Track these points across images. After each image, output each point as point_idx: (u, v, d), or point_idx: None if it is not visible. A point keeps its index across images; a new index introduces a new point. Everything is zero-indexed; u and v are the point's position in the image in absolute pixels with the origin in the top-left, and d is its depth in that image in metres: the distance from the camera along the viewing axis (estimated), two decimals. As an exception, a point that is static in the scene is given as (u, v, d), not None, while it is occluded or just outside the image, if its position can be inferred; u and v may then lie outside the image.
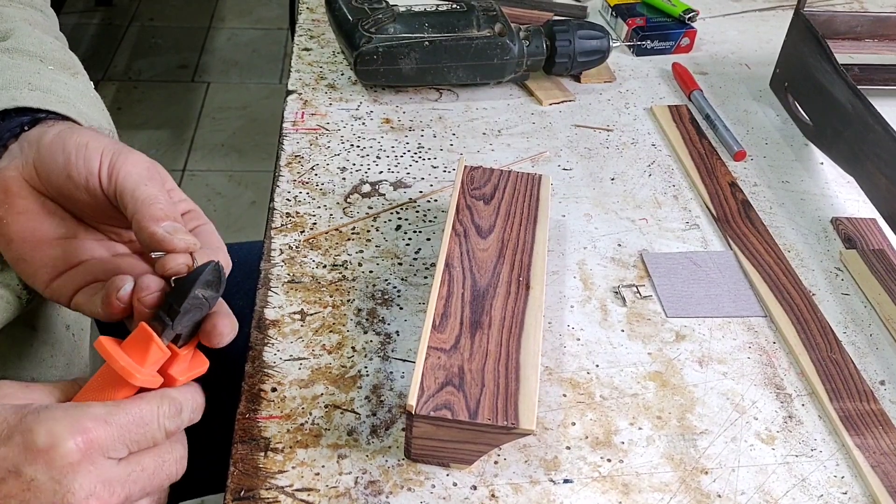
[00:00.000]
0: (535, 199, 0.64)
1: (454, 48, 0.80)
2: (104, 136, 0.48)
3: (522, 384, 0.49)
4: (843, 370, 0.57)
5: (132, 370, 0.42)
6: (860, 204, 0.74)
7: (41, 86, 0.52)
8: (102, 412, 0.40)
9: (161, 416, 0.42)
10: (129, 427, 0.40)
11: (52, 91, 0.52)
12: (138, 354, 0.42)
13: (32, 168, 0.48)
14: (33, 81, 0.52)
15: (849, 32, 0.89)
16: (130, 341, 0.43)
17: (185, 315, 0.43)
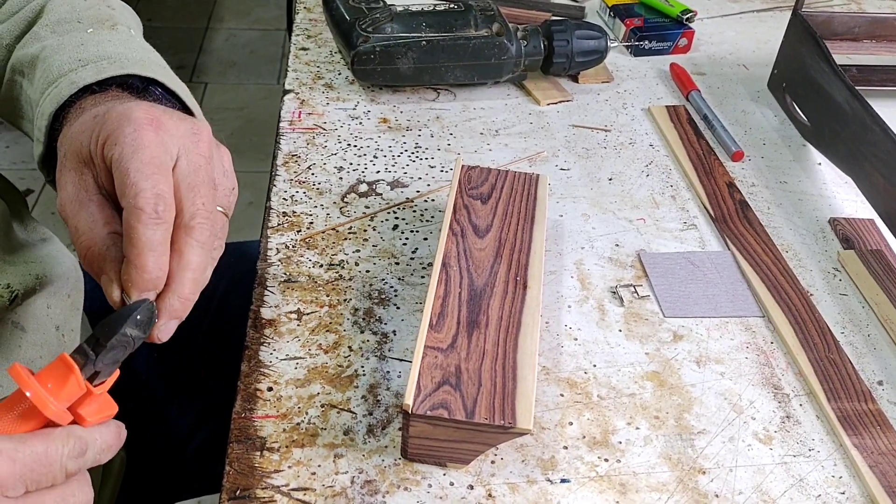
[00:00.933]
0: (532, 198, 0.64)
1: (452, 48, 0.80)
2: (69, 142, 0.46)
3: (519, 384, 0.49)
4: (840, 370, 0.57)
5: (46, 401, 0.39)
6: (858, 204, 0.74)
7: (90, 56, 0.52)
8: (7, 447, 0.37)
9: (65, 455, 0.39)
10: (33, 465, 0.37)
11: (102, 56, 0.52)
12: (54, 385, 0.40)
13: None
14: (81, 56, 0.53)
15: (847, 33, 0.89)
16: (47, 371, 0.40)
17: (109, 352, 0.41)
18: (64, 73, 0.52)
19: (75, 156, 0.45)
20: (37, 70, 0.55)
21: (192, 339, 0.78)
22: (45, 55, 0.55)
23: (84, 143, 0.45)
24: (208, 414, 0.76)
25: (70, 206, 0.45)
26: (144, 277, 0.42)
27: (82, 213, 0.45)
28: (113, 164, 0.43)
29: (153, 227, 0.42)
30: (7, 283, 0.56)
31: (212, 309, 0.78)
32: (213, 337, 0.76)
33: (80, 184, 0.45)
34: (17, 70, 0.57)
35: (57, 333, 0.61)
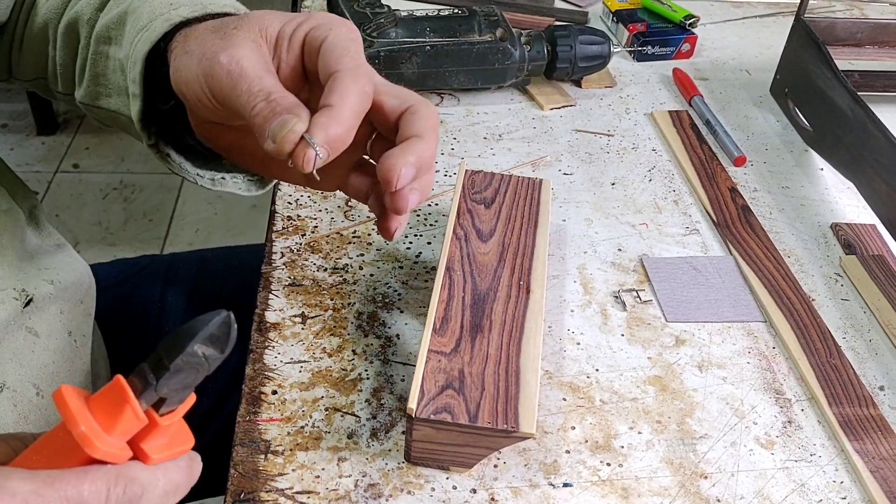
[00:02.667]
0: (535, 203, 0.64)
1: (455, 53, 0.81)
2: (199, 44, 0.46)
3: (523, 388, 0.49)
4: (842, 375, 0.58)
5: (93, 437, 0.31)
6: (860, 210, 0.74)
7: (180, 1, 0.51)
8: (26, 489, 0.29)
9: (111, 501, 0.31)
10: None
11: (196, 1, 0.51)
12: (107, 417, 0.32)
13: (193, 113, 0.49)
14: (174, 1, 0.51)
15: (849, 39, 0.90)
16: (100, 398, 0.32)
17: (175, 375, 0.33)
18: (155, 17, 0.50)
19: (255, 31, 0.45)
20: (126, 26, 0.53)
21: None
22: (133, 7, 0.53)
23: (273, 25, 0.46)
24: (212, 417, 0.76)
25: (248, 60, 0.44)
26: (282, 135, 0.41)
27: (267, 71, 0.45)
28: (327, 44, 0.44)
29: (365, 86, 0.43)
30: (22, 287, 0.56)
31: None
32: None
33: (259, 51, 0.45)
34: (101, 39, 0.55)
35: (70, 339, 0.62)
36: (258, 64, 0.44)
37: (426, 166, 0.45)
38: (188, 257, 0.86)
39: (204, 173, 0.56)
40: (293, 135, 0.41)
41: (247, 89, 0.43)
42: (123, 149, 2.31)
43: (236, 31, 0.46)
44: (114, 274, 0.81)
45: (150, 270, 0.83)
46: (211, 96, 0.45)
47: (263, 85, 0.43)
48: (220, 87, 0.44)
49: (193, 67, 0.45)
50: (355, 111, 0.43)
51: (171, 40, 0.49)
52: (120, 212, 2.11)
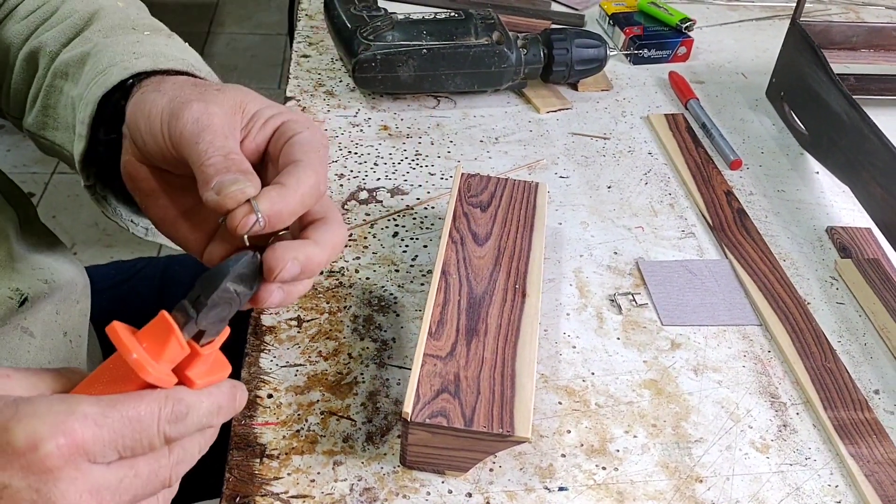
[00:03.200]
0: (531, 206, 0.64)
1: (452, 56, 0.81)
2: (174, 88, 0.47)
3: (518, 392, 0.49)
4: (837, 379, 0.58)
5: (145, 363, 0.36)
6: (855, 213, 0.74)
7: (145, 52, 0.52)
8: (94, 411, 0.35)
9: (162, 419, 0.36)
10: (124, 430, 0.35)
11: (158, 53, 0.52)
12: (154, 347, 0.37)
13: (133, 146, 0.47)
14: (137, 50, 0.52)
15: (845, 42, 0.90)
16: (147, 331, 0.38)
17: (212, 309, 0.38)
18: (115, 63, 0.50)
19: (235, 101, 0.46)
20: (85, 66, 0.53)
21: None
22: (97, 50, 0.53)
23: (253, 103, 0.46)
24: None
25: (220, 118, 0.44)
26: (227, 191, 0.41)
27: (233, 136, 0.45)
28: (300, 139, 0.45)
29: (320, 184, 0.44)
30: (17, 286, 0.56)
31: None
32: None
33: (232, 118, 0.45)
34: (59, 73, 0.55)
35: (65, 339, 0.62)
36: (227, 126, 0.45)
37: (311, 272, 0.44)
38: (184, 260, 0.86)
39: (138, 220, 0.56)
40: (241, 195, 0.41)
41: (209, 140, 0.43)
42: (120, 150, 2.31)
43: (218, 94, 0.46)
44: (110, 276, 0.81)
45: (147, 273, 0.83)
46: (167, 135, 0.45)
47: (226, 144, 0.44)
48: (181, 131, 0.44)
49: (161, 104, 0.45)
50: (304, 200, 0.43)
51: (138, 83, 0.49)
52: (117, 213, 2.11)
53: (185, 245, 0.49)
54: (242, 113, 0.46)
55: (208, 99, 0.45)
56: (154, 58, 0.51)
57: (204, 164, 0.43)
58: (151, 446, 0.37)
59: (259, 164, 0.47)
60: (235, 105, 0.46)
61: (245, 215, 0.41)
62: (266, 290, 0.42)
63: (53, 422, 0.34)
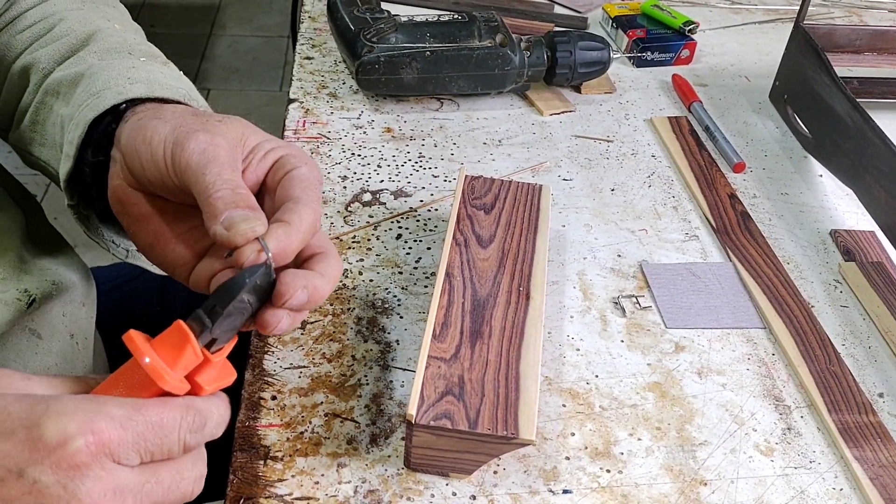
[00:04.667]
0: (535, 209, 0.64)
1: (455, 58, 0.81)
2: (175, 117, 0.47)
3: (522, 394, 0.49)
4: (841, 382, 0.58)
5: (162, 372, 0.37)
6: (859, 216, 0.74)
7: (140, 78, 0.52)
8: (120, 413, 0.36)
9: (183, 428, 0.37)
10: (147, 434, 0.36)
11: (153, 80, 0.52)
12: (170, 355, 0.38)
13: (127, 171, 0.48)
14: (132, 76, 0.52)
15: (848, 45, 0.90)
16: (163, 339, 0.39)
17: (226, 319, 0.40)
18: (109, 87, 0.51)
19: (237, 134, 0.47)
20: (78, 87, 0.53)
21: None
22: (91, 72, 0.53)
23: (253, 137, 0.48)
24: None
25: (226, 150, 0.45)
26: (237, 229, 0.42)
27: (237, 169, 0.46)
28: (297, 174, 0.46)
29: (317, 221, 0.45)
30: (25, 287, 0.56)
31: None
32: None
33: (235, 150, 0.46)
34: (50, 91, 0.55)
35: (72, 341, 0.62)
36: (232, 158, 0.45)
37: (315, 303, 0.45)
38: (187, 261, 0.86)
39: (119, 241, 0.56)
40: (252, 233, 0.43)
41: (217, 172, 0.44)
42: (122, 152, 2.31)
43: (220, 125, 0.47)
44: (112, 277, 0.81)
45: (148, 275, 0.83)
46: (171, 164, 0.45)
47: (234, 177, 0.45)
48: (186, 160, 0.44)
49: (163, 132, 0.46)
50: (305, 237, 0.45)
51: (132, 108, 0.50)
52: (118, 215, 2.11)
53: (171, 269, 0.49)
54: (244, 145, 0.47)
55: (212, 130, 0.46)
56: (149, 84, 0.51)
57: (212, 197, 0.43)
58: (171, 453, 0.38)
59: (257, 195, 0.47)
60: (237, 137, 0.47)
61: (254, 253, 0.42)
62: (274, 315, 0.43)
63: (82, 419, 0.34)
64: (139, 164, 0.47)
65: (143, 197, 0.48)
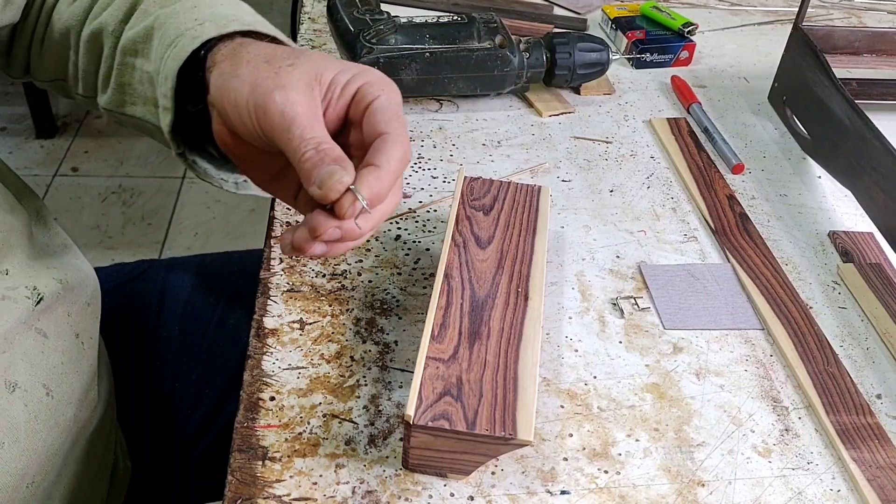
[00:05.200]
0: (534, 210, 0.64)
1: (455, 59, 0.81)
2: (251, 72, 0.48)
3: (520, 395, 0.49)
4: (839, 384, 0.58)
5: None
6: (857, 218, 0.74)
7: (205, 16, 0.53)
8: None
9: None
10: None
11: (219, 15, 0.53)
12: None
13: (223, 124, 0.50)
14: (198, 16, 0.53)
15: (847, 47, 0.90)
16: None
17: None
18: (181, 33, 0.52)
19: (310, 74, 0.48)
20: (153, 41, 0.55)
21: (196, 347, 0.78)
22: (160, 23, 0.54)
23: (328, 71, 0.49)
24: (210, 422, 0.76)
25: (302, 105, 0.47)
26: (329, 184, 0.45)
27: (317, 118, 0.48)
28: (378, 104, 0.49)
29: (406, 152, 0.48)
30: (34, 285, 0.57)
31: (216, 316, 0.78)
32: (217, 345, 0.77)
33: (311, 94, 0.48)
34: (128, 51, 0.57)
35: (77, 341, 0.62)
36: (310, 110, 0.47)
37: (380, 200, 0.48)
38: (187, 262, 0.87)
39: (227, 177, 0.58)
40: (340, 185, 0.45)
41: (299, 134, 0.46)
42: (122, 152, 2.31)
43: (292, 70, 0.48)
44: (112, 278, 0.81)
45: (149, 275, 0.84)
46: (259, 127, 0.47)
47: (315, 133, 0.46)
48: (270, 124, 0.47)
49: (245, 94, 0.48)
50: (396, 174, 0.47)
51: (209, 52, 0.51)
52: (118, 215, 2.11)
53: (281, 196, 0.54)
54: (319, 84, 0.49)
55: (286, 83, 0.47)
56: (215, 21, 0.52)
57: (300, 162, 0.46)
58: None
59: (342, 129, 0.50)
60: (311, 79, 0.48)
61: (350, 204, 0.45)
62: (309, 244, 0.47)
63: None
64: (231, 123, 0.49)
65: (241, 141, 0.51)
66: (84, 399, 0.62)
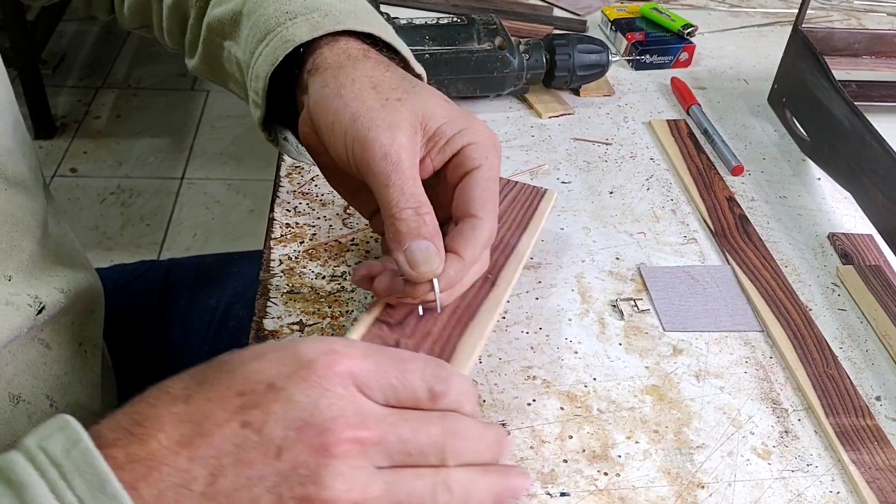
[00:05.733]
0: (532, 210, 0.64)
1: (454, 61, 0.81)
2: (355, 96, 0.46)
3: (452, 364, 0.49)
4: (839, 386, 0.58)
5: None
6: (857, 220, 0.74)
7: (296, 9, 0.51)
8: (361, 345, 0.38)
9: (427, 372, 0.38)
10: (387, 366, 0.37)
11: (311, 7, 0.51)
12: None
13: (313, 127, 0.49)
14: (289, 8, 0.51)
15: (846, 49, 0.90)
16: None
17: None
18: (272, 29, 0.50)
19: (417, 116, 0.47)
20: (241, 28, 0.53)
21: (196, 348, 0.78)
22: (248, 10, 0.53)
23: (436, 118, 0.47)
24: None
25: (407, 152, 0.45)
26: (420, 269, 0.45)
27: (416, 170, 0.46)
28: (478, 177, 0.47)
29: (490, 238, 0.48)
30: (35, 294, 0.56)
31: (217, 318, 0.78)
32: (218, 346, 0.77)
33: (414, 140, 0.46)
34: (214, 30, 0.55)
35: (80, 350, 0.61)
36: (412, 158, 0.46)
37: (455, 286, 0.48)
38: (186, 263, 0.87)
39: (302, 149, 0.57)
40: (431, 275, 0.45)
41: (399, 185, 0.45)
42: (121, 153, 2.31)
43: (399, 106, 0.46)
44: (112, 279, 0.81)
45: (149, 276, 0.84)
46: (354, 159, 0.46)
47: (416, 190, 0.45)
48: (368, 163, 0.45)
49: (345, 121, 0.46)
50: (476, 268, 0.48)
51: (310, 53, 0.49)
52: (117, 216, 2.11)
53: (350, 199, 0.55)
54: (424, 130, 0.47)
55: (392, 122, 0.45)
56: (308, 20, 0.50)
57: (395, 218, 0.45)
58: (415, 397, 0.38)
59: (433, 177, 0.49)
60: (417, 122, 0.47)
61: (425, 293, 0.46)
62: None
63: (326, 345, 0.37)
64: (324, 142, 0.48)
65: (329, 154, 0.49)
66: (88, 408, 0.61)
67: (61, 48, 2.73)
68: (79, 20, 2.88)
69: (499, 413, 0.54)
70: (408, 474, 0.36)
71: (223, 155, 2.31)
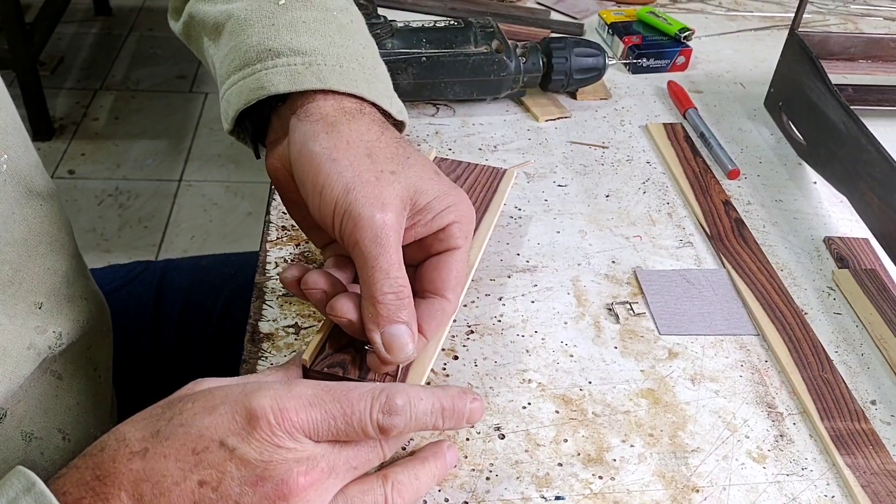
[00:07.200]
0: (492, 191, 0.65)
1: (451, 64, 0.81)
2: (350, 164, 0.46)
3: (417, 363, 0.50)
4: (834, 389, 0.58)
5: None
6: (853, 224, 0.74)
7: (281, 48, 0.49)
8: (306, 394, 0.39)
9: (375, 408, 0.40)
10: (334, 411, 0.39)
11: (296, 50, 0.49)
12: None
13: (291, 171, 0.49)
14: (273, 45, 0.49)
15: (843, 53, 0.90)
16: None
17: None
18: (251, 63, 0.49)
19: (408, 191, 0.47)
20: (222, 38, 0.52)
21: (192, 351, 0.78)
22: (232, 28, 0.51)
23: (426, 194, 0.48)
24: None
25: (395, 232, 0.46)
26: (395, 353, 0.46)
27: (400, 253, 0.46)
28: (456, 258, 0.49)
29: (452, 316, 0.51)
30: (60, 330, 0.53)
31: (213, 320, 0.78)
32: (214, 349, 0.77)
33: (402, 215, 0.47)
34: (197, 22, 0.55)
35: (95, 374, 0.59)
36: (399, 239, 0.46)
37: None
38: (183, 264, 0.86)
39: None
40: (404, 361, 0.47)
41: (384, 269, 0.45)
42: (119, 155, 2.31)
43: (393, 180, 0.46)
44: (108, 280, 0.81)
45: (145, 277, 0.83)
46: (339, 230, 0.46)
47: (399, 275, 0.46)
48: (357, 240, 0.45)
49: (337, 190, 0.45)
50: (436, 344, 0.51)
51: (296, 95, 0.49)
52: (115, 218, 2.11)
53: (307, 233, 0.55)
54: (413, 205, 0.47)
55: (385, 199, 0.45)
56: (290, 69, 0.49)
57: (377, 300, 0.45)
58: (365, 432, 0.40)
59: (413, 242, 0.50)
60: (407, 199, 0.47)
61: (388, 367, 0.47)
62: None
63: (274, 397, 0.39)
64: (303, 194, 0.48)
65: (299, 194, 0.50)
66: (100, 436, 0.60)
67: (60, 50, 2.73)
68: (77, 22, 2.88)
69: (494, 416, 0.54)
70: (356, 491, 0.41)
71: (221, 157, 2.31)
